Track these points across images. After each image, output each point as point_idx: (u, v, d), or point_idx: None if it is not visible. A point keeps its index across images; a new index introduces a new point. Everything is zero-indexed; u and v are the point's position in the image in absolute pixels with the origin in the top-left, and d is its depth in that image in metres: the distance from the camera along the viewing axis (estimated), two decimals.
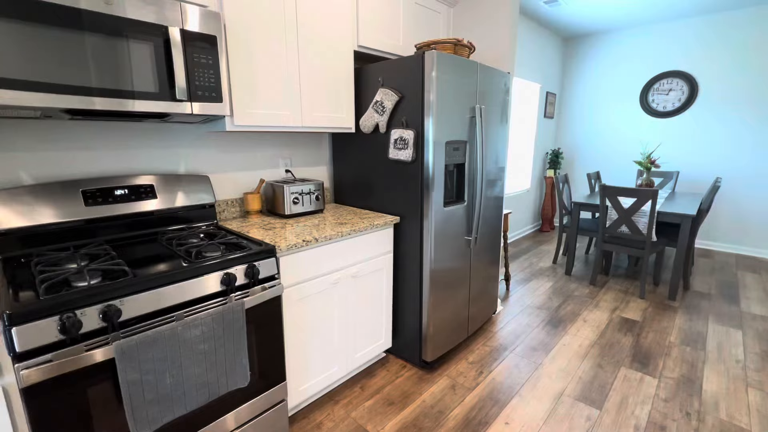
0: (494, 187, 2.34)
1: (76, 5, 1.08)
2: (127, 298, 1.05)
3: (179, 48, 1.28)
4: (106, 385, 1.04)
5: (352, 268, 1.78)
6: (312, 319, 1.65)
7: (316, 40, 1.80)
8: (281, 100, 1.71)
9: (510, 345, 2.32)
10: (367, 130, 2.03)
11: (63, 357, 0.94)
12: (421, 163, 1.84)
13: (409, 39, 2.28)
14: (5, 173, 1.32)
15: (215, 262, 1.24)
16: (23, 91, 1.02)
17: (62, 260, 1.21)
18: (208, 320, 1.15)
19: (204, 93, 1.38)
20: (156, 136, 1.65)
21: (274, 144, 2.10)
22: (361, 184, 2.18)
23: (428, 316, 1.97)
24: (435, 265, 1.93)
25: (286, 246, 1.46)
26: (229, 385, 1.24)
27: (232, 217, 1.94)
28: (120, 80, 1.18)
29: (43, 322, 0.92)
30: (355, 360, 1.91)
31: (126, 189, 1.50)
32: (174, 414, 1.12)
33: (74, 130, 1.45)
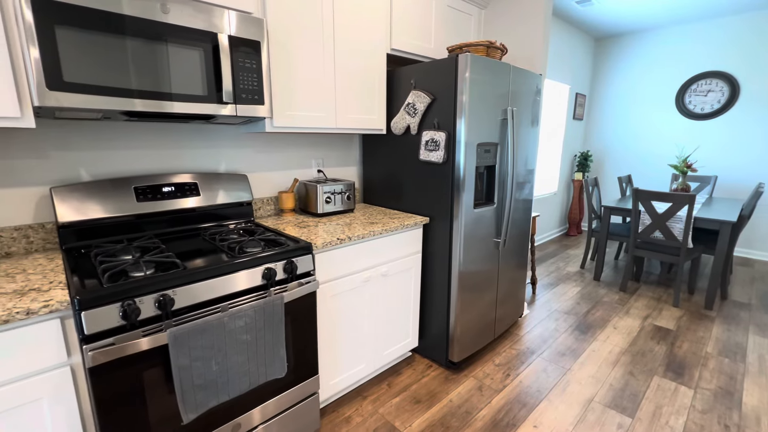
0: (523, 190, 2.33)
1: (137, 15, 1.16)
2: (179, 289, 1.12)
3: (227, 53, 1.35)
4: (158, 370, 1.11)
5: (383, 267, 1.82)
6: (343, 315, 1.70)
7: (351, 44, 1.85)
8: (317, 102, 1.77)
9: (537, 349, 2.30)
10: (398, 131, 2.06)
11: (123, 341, 1.01)
12: (452, 164, 1.86)
13: (440, 42, 2.30)
14: (67, 171, 1.43)
15: (257, 257, 1.30)
16: (92, 95, 1.11)
17: (118, 252, 1.30)
18: (250, 312, 1.21)
19: (247, 96, 1.44)
20: (199, 136, 1.74)
21: (307, 145, 2.16)
22: (390, 184, 2.22)
23: (456, 317, 1.98)
24: (464, 267, 1.94)
25: (322, 243, 1.51)
26: (268, 374, 1.30)
27: (267, 214, 2.01)
28: (174, 84, 1.26)
29: (107, 308, 1.00)
30: (383, 357, 1.94)
31: (173, 186, 1.59)
32: (218, 399, 1.18)
33: (127, 131, 1.54)
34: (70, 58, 1.07)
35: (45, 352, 0.96)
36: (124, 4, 1.13)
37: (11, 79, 1.05)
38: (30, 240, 1.36)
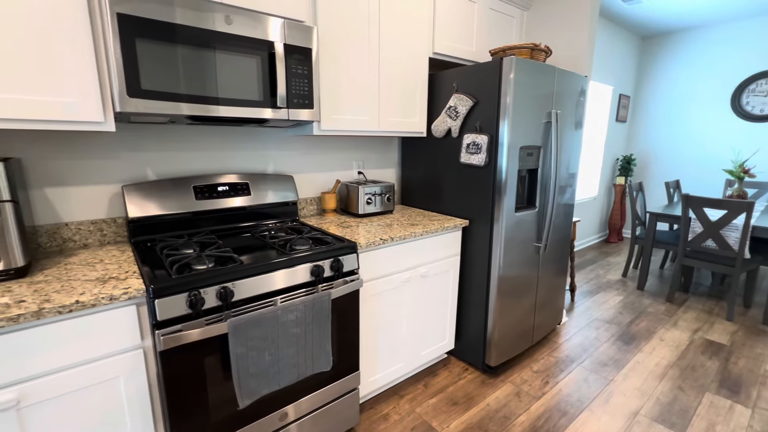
0: (565, 194, 2.28)
1: (205, 27, 1.25)
2: (237, 282, 1.20)
3: (282, 60, 1.42)
4: (216, 357, 1.19)
5: (422, 268, 1.84)
6: (383, 314, 1.73)
7: (395, 49, 1.89)
8: (361, 106, 1.82)
9: (577, 358, 2.24)
10: (439, 134, 2.08)
11: (189, 328, 1.10)
12: (493, 167, 1.86)
13: (481, 45, 2.30)
14: (136, 170, 1.56)
15: (307, 254, 1.36)
16: (165, 101, 1.21)
17: (180, 246, 1.40)
18: (301, 307, 1.27)
19: (299, 100, 1.52)
20: (250, 139, 1.84)
21: (348, 147, 2.22)
22: (428, 186, 2.24)
23: (494, 321, 1.97)
24: (503, 271, 1.92)
25: (366, 243, 1.55)
26: (315, 367, 1.35)
27: (310, 214, 2.09)
28: (235, 90, 1.35)
29: (176, 297, 1.08)
30: (420, 358, 1.96)
31: (227, 186, 1.69)
32: (270, 388, 1.25)
33: (188, 134, 1.66)
34: (147, 67, 1.17)
35: (123, 334, 1.06)
36: (194, 18, 1.22)
37: (98, 89, 1.16)
38: (104, 233, 1.50)
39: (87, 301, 0.97)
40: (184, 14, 1.21)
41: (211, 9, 1.26)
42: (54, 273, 1.16)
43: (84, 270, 1.19)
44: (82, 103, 1.14)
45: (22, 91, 1.05)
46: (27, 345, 0.93)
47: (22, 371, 0.93)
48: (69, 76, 1.11)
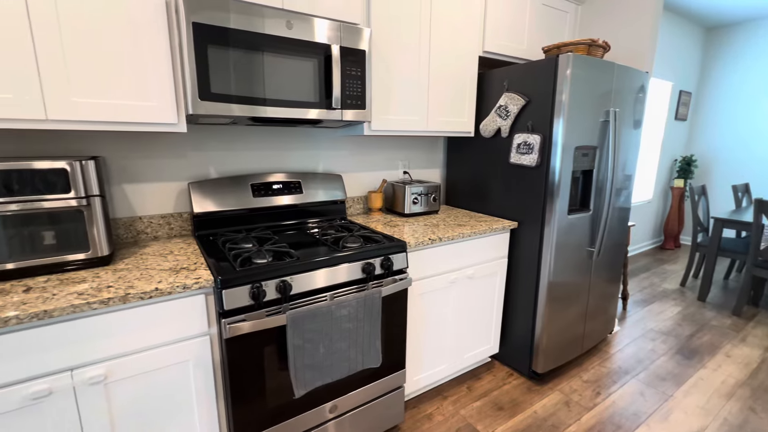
0: (621, 197, 2.16)
1: (269, 32, 1.31)
2: (295, 276, 1.25)
3: (338, 62, 1.46)
4: (274, 347, 1.25)
5: (469, 270, 1.82)
6: (429, 314, 1.73)
7: (445, 49, 1.89)
8: (410, 106, 1.83)
9: (631, 370, 2.12)
10: (488, 134, 2.05)
11: (252, 318, 1.16)
12: (546, 168, 1.80)
13: (533, 42, 2.23)
14: (200, 168, 1.66)
15: (360, 252, 1.39)
16: (231, 103, 1.28)
17: (239, 240, 1.48)
18: (353, 303, 1.30)
19: (352, 101, 1.55)
20: (302, 139, 1.90)
21: (394, 147, 2.24)
22: (474, 187, 2.21)
23: (542, 327, 1.91)
24: (553, 276, 1.86)
25: (415, 243, 1.56)
26: (365, 363, 1.38)
27: (356, 212, 2.13)
28: (292, 92, 1.40)
29: (241, 288, 1.15)
30: (464, 360, 1.95)
31: (281, 184, 1.76)
32: (322, 381, 1.29)
33: (247, 134, 1.74)
34: (216, 72, 1.25)
35: (193, 321, 1.14)
36: (259, 24, 1.29)
37: (173, 93, 1.25)
38: (171, 226, 1.61)
39: (164, 289, 1.06)
40: (251, 21, 1.27)
41: (275, 15, 1.32)
42: (132, 262, 1.27)
43: (158, 260, 1.29)
44: (161, 106, 1.24)
45: (113, 96, 1.16)
46: (113, 326, 1.02)
47: (110, 350, 1.03)
48: (150, 82, 1.21)
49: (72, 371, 0.98)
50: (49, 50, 1.06)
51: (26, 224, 1.10)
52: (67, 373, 0.98)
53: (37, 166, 1.08)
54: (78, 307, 0.95)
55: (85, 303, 0.96)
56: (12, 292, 1.01)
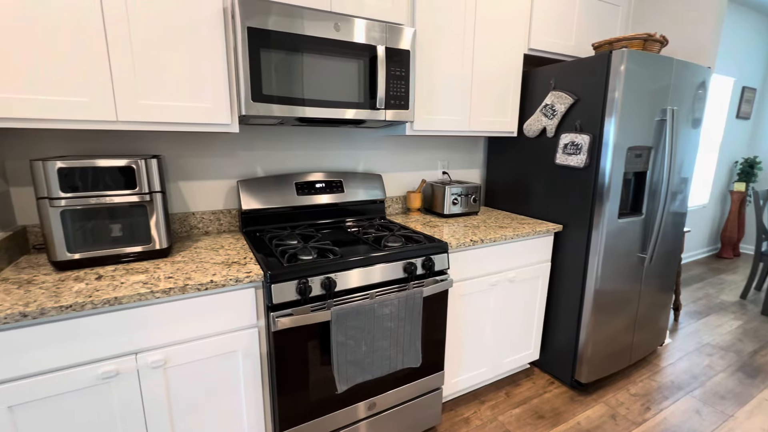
0: (676, 201, 2.03)
1: (317, 35, 1.34)
2: (339, 273, 1.27)
3: (383, 63, 1.47)
4: (317, 342, 1.28)
5: (510, 273, 1.78)
6: (469, 316, 1.71)
7: (489, 47, 1.85)
8: (453, 106, 1.82)
9: (685, 385, 1.99)
10: (532, 134, 1.99)
11: (298, 313, 1.19)
12: (595, 169, 1.72)
13: (581, 39, 2.14)
14: (248, 167, 1.73)
15: (402, 251, 1.40)
16: (281, 104, 1.33)
17: (285, 237, 1.52)
18: (395, 302, 1.31)
19: (396, 101, 1.56)
20: (344, 139, 1.93)
21: (433, 147, 2.22)
22: (516, 188, 2.15)
23: (587, 335, 1.83)
24: (601, 282, 1.78)
25: (456, 244, 1.55)
26: (405, 362, 1.39)
27: (395, 212, 2.14)
28: (339, 93, 1.43)
29: (288, 283, 1.19)
30: (502, 365, 1.90)
31: (323, 183, 1.80)
32: (363, 377, 1.30)
33: (291, 134, 1.80)
34: (268, 74, 1.30)
35: (243, 313, 1.19)
36: (308, 27, 1.32)
37: (227, 94, 1.31)
38: (221, 222, 1.69)
39: (219, 282, 1.11)
40: (301, 24, 1.31)
41: (323, 18, 1.35)
42: (188, 255, 1.34)
43: (210, 254, 1.36)
44: (215, 107, 1.31)
45: (174, 98, 1.24)
46: (172, 315, 1.09)
47: (169, 337, 1.09)
48: (207, 85, 1.28)
49: (136, 355, 1.06)
50: (121, 58, 1.14)
51: (98, 217, 1.19)
52: (132, 356, 1.05)
53: (108, 164, 1.17)
54: (143, 295, 1.02)
55: (149, 292, 1.02)
56: (86, 279, 1.10)
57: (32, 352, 0.94)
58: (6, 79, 1.03)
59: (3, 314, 0.88)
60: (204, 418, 1.19)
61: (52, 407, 0.98)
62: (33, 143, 1.36)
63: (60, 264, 1.16)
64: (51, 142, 1.38)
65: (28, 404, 0.95)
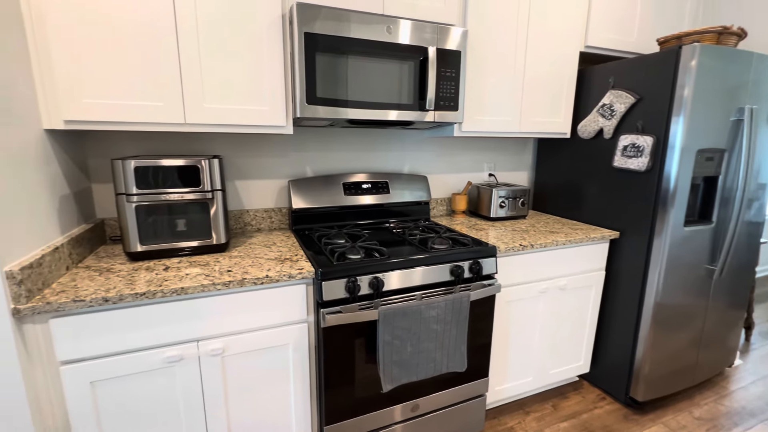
0: (751, 208, 1.84)
1: (371, 38, 1.37)
2: (386, 273, 1.28)
3: (434, 64, 1.47)
4: (363, 341, 1.30)
5: (561, 280, 1.70)
6: (516, 323, 1.66)
7: (543, 46, 1.79)
8: (503, 107, 1.77)
9: (759, 412, 1.80)
10: (587, 135, 1.89)
11: (347, 311, 1.22)
12: (658, 173, 1.61)
13: (644, 34, 2.01)
14: (298, 167, 1.79)
15: (449, 254, 1.38)
16: (334, 107, 1.36)
17: (333, 236, 1.56)
18: (442, 304, 1.30)
19: (445, 103, 1.55)
20: (390, 140, 1.95)
21: (480, 149, 2.18)
22: (567, 192, 2.06)
23: (644, 351, 1.71)
24: (662, 295, 1.65)
25: (505, 248, 1.51)
26: (449, 366, 1.37)
27: (440, 214, 2.12)
28: (389, 95, 1.44)
29: (338, 281, 1.22)
30: (549, 376, 1.83)
31: (370, 184, 1.83)
32: (408, 378, 1.30)
33: (340, 136, 1.84)
34: (322, 77, 1.34)
35: (294, 308, 1.23)
36: (363, 30, 1.35)
37: (283, 98, 1.37)
38: (272, 220, 1.76)
39: (273, 277, 1.16)
40: (356, 28, 1.34)
41: (376, 21, 1.37)
42: (243, 250, 1.41)
43: (264, 250, 1.42)
44: (272, 110, 1.36)
45: (234, 102, 1.31)
46: (231, 306, 1.15)
47: (226, 327, 1.15)
48: (265, 88, 1.34)
49: (198, 342, 1.13)
50: (190, 65, 1.23)
51: (165, 213, 1.28)
52: (194, 343, 1.12)
53: (176, 163, 1.26)
54: (206, 287, 1.08)
55: (212, 284, 1.09)
56: (155, 269, 1.19)
57: (110, 335, 1.03)
58: (95, 87, 1.14)
59: (89, 298, 0.98)
60: (255, 405, 1.25)
61: (125, 385, 1.07)
62: (110, 144, 1.49)
63: (133, 254, 1.27)
64: (124, 142, 1.50)
65: (106, 381, 1.05)
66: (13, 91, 1.00)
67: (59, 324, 0.98)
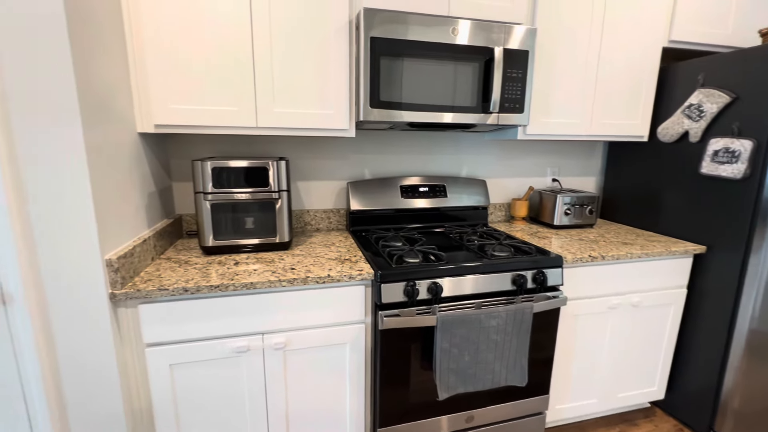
0: None
1: (434, 40, 1.35)
2: (446, 279, 1.26)
3: (500, 65, 1.42)
4: (419, 346, 1.28)
5: (634, 296, 1.56)
6: (581, 339, 1.55)
7: (620, 42, 1.66)
8: (572, 108, 1.67)
9: None
10: (668, 138, 1.72)
11: (405, 315, 1.21)
12: (758, 182, 1.42)
13: (741, 26, 1.78)
14: (357, 170, 1.82)
15: (511, 262, 1.33)
16: (395, 110, 1.36)
17: (390, 239, 1.56)
18: (503, 315, 1.25)
19: (510, 105, 1.49)
20: (448, 143, 1.92)
21: (544, 152, 2.07)
22: (642, 200, 1.89)
23: (734, 382, 1.52)
24: (759, 320, 1.45)
25: (572, 259, 1.41)
26: (508, 379, 1.31)
27: (498, 220, 2.05)
28: (451, 97, 1.42)
29: (397, 284, 1.21)
30: (616, 399, 1.68)
31: (427, 187, 1.81)
32: (464, 388, 1.27)
33: (398, 139, 1.84)
34: (385, 81, 1.34)
35: (353, 309, 1.25)
36: (427, 33, 1.34)
37: (347, 102, 1.40)
38: (330, 221, 1.81)
39: (335, 276, 1.19)
40: (420, 31, 1.33)
41: (441, 23, 1.35)
42: (304, 249, 1.46)
43: (324, 250, 1.46)
44: (336, 114, 1.40)
45: (301, 106, 1.36)
46: (294, 303, 1.19)
47: (289, 323, 1.20)
48: (330, 93, 1.38)
49: (263, 335, 1.18)
50: (263, 73, 1.30)
51: (235, 210, 1.36)
52: (259, 336, 1.18)
53: (247, 164, 1.34)
54: (273, 283, 1.13)
55: (278, 280, 1.14)
56: (227, 264, 1.27)
57: (188, 322, 1.11)
58: (180, 95, 1.25)
59: (171, 287, 1.06)
60: (312, 399, 1.28)
61: (198, 370, 1.15)
62: (188, 146, 1.62)
63: (207, 249, 1.36)
64: (199, 145, 1.63)
65: (183, 364, 1.13)
66: (116, 98, 1.11)
67: (146, 309, 1.07)
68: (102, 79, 1.03)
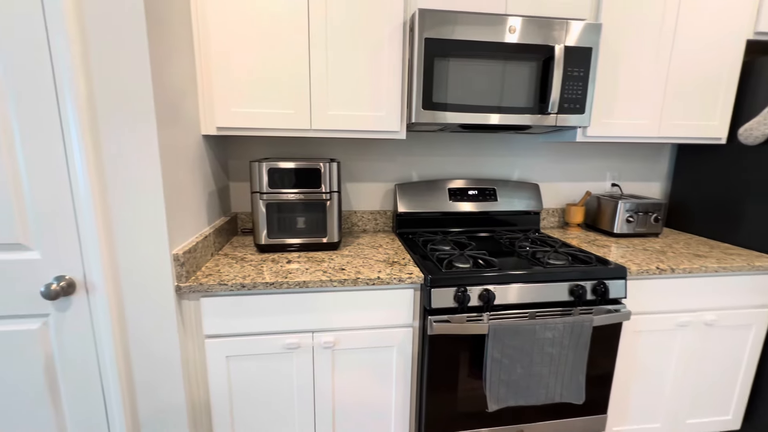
0: None
1: (491, 39, 1.31)
2: (498, 286, 1.21)
3: (560, 64, 1.35)
4: (468, 354, 1.24)
5: (708, 314, 1.42)
6: (644, 358, 1.43)
7: (695, 34, 1.52)
8: (639, 108, 1.55)
9: None
10: (752, 141, 1.55)
11: (455, 321, 1.18)
12: None
13: None
14: (404, 171, 1.81)
15: (569, 271, 1.25)
16: (448, 111, 1.34)
17: (438, 242, 1.54)
18: (559, 327, 1.18)
19: (570, 105, 1.41)
20: (499, 145, 1.85)
21: (603, 155, 1.95)
22: (718, 209, 1.71)
23: None
24: None
25: (637, 270, 1.31)
26: (563, 396, 1.24)
27: (550, 226, 1.95)
28: (506, 97, 1.37)
29: (447, 290, 1.19)
30: (684, 426, 1.54)
31: (476, 190, 1.76)
32: (516, 401, 1.21)
33: (447, 141, 1.81)
34: (438, 82, 1.32)
35: (402, 312, 1.24)
36: (484, 32, 1.30)
37: (399, 103, 1.39)
38: (377, 222, 1.82)
39: (384, 279, 1.18)
40: (476, 30, 1.30)
41: (499, 22, 1.31)
42: (354, 250, 1.47)
43: (372, 251, 1.46)
44: (388, 116, 1.40)
45: (354, 108, 1.37)
46: (343, 303, 1.20)
47: (338, 322, 1.21)
48: (382, 95, 1.38)
49: (313, 333, 1.21)
50: (318, 76, 1.33)
51: (288, 210, 1.40)
52: (309, 334, 1.20)
53: (301, 165, 1.37)
54: (324, 282, 1.15)
55: (329, 280, 1.15)
56: (280, 262, 1.31)
57: (244, 317, 1.16)
58: (241, 98, 1.30)
59: (230, 283, 1.11)
60: (359, 399, 1.29)
61: (251, 364, 1.20)
62: (244, 147, 1.69)
63: (261, 246, 1.41)
64: (255, 146, 1.69)
65: (238, 357, 1.18)
66: (185, 100, 1.18)
67: (207, 303, 1.13)
68: (173, 81, 1.10)
